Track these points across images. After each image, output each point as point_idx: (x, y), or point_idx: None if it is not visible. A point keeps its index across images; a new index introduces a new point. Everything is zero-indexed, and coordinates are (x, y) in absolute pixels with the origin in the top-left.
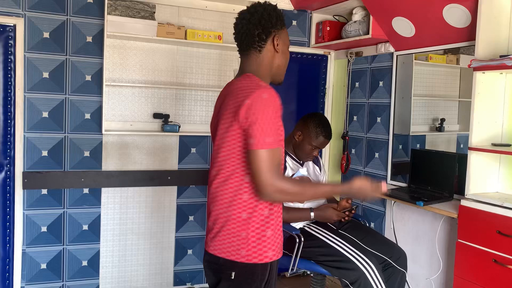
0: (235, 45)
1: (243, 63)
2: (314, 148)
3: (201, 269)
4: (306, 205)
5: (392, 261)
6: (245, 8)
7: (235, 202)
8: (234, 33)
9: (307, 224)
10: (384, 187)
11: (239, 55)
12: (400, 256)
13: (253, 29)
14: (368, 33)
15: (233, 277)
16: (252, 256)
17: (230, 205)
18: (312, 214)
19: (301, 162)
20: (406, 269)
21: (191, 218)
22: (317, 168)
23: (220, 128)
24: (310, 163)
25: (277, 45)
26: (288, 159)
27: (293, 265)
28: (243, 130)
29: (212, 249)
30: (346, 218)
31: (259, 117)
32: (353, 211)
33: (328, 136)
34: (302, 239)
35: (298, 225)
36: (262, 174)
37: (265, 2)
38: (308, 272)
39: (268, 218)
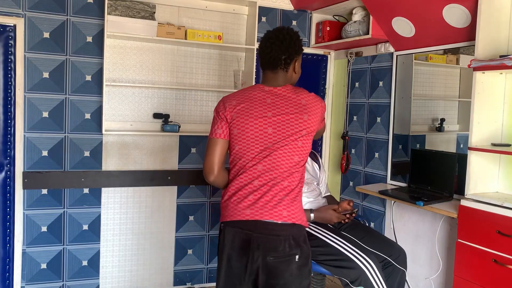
0: (235, 45)
1: (272, 77)
2: None
3: (201, 269)
4: (306, 206)
5: (391, 260)
6: (245, 7)
7: (302, 180)
8: (261, 51)
9: None
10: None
11: (262, 69)
12: (399, 255)
13: (280, 54)
14: (368, 33)
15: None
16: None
17: (300, 183)
18: (312, 215)
19: None
20: (406, 268)
21: (191, 218)
22: (316, 165)
23: (298, 124)
24: (309, 160)
25: (296, 67)
26: None
27: None
28: (319, 124)
29: (288, 218)
30: (347, 220)
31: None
32: (353, 214)
33: None
34: None
35: None
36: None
37: (289, 28)
38: None
39: None
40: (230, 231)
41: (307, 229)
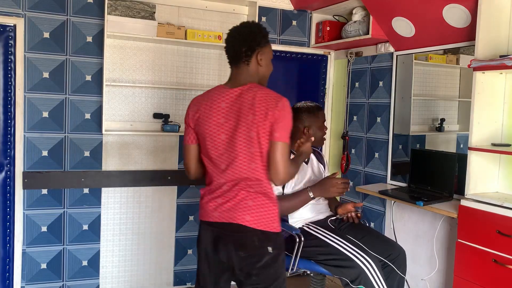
0: None
1: (236, 73)
2: (321, 124)
3: None
4: (308, 206)
5: (391, 261)
6: (245, 7)
7: (264, 184)
8: (225, 47)
9: (306, 224)
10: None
11: (230, 66)
12: (399, 254)
13: (240, 46)
14: (368, 33)
15: (271, 251)
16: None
17: (261, 188)
18: (310, 194)
19: (306, 160)
20: (405, 267)
21: (191, 218)
22: (321, 165)
23: (247, 127)
24: (315, 161)
25: (260, 60)
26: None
27: (293, 265)
28: (271, 128)
29: (251, 223)
30: (351, 218)
31: (287, 117)
32: (359, 215)
33: (317, 106)
34: (302, 238)
35: (297, 224)
36: (284, 163)
37: (252, 22)
38: (308, 272)
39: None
40: (205, 229)
41: (306, 228)
